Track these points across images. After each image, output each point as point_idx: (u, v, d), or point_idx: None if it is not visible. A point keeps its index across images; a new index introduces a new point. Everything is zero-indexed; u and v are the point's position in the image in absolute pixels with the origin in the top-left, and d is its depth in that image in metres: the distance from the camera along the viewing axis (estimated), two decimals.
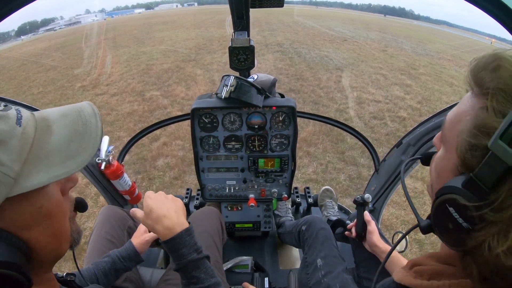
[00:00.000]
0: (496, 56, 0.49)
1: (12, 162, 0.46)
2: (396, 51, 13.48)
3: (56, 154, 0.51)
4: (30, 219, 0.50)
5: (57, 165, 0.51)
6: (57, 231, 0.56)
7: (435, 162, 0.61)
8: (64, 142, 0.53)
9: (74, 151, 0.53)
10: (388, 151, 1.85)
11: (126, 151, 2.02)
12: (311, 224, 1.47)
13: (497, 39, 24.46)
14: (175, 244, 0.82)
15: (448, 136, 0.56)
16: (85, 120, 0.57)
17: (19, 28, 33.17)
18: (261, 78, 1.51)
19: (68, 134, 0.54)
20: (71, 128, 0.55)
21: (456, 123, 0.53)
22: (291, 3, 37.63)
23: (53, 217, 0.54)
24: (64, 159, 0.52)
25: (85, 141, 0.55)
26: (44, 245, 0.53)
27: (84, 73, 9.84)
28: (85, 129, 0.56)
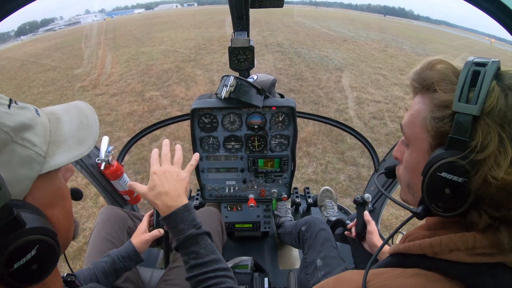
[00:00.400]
0: (429, 60, 0.63)
1: (41, 143, 0.53)
2: (396, 51, 13.48)
3: (70, 139, 0.60)
4: (52, 198, 0.57)
5: (73, 148, 0.59)
6: (69, 212, 0.62)
7: (405, 165, 0.67)
8: (75, 131, 0.62)
9: (83, 137, 0.62)
10: (388, 151, 1.85)
11: (126, 151, 2.02)
12: (311, 225, 1.47)
13: (497, 39, 24.46)
14: (173, 220, 0.85)
15: (411, 135, 0.64)
16: (85, 114, 0.67)
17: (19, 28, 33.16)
18: (261, 78, 1.51)
19: (76, 124, 0.63)
20: (77, 120, 0.64)
21: (414, 120, 0.62)
22: (291, 3, 37.63)
23: (66, 199, 0.61)
24: (77, 143, 0.61)
25: (89, 129, 0.65)
26: (61, 224, 0.58)
27: (84, 73, 9.83)
28: (87, 121, 0.66)
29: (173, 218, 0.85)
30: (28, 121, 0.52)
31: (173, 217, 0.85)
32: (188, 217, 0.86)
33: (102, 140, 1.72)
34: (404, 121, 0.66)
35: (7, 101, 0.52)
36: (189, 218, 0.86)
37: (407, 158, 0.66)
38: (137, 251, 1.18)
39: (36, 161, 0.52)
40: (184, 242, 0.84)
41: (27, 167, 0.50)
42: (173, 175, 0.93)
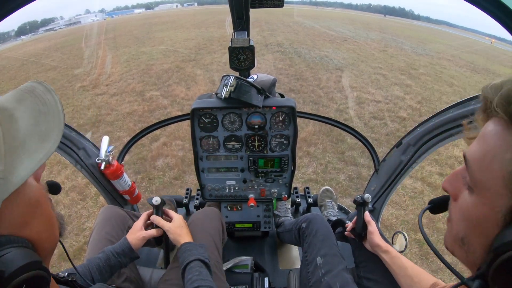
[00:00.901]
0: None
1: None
2: (396, 51, 13.49)
3: (30, 138, 0.50)
4: (26, 215, 0.50)
5: (36, 150, 0.50)
6: (48, 217, 0.56)
7: (463, 214, 0.53)
8: (32, 125, 0.51)
9: (44, 131, 0.52)
10: (388, 151, 1.85)
11: (126, 151, 2.02)
12: (311, 222, 1.46)
13: (497, 39, 24.46)
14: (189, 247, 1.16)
15: (482, 180, 0.48)
16: (43, 99, 0.55)
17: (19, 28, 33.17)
18: (261, 78, 1.51)
19: (33, 117, 0.52)
20: (33, 110, 0.53)
21: (490, 163, 0.46)
22: (291, 3, 37.60)
23: (40, 205, 0.54)
24: (39, 141, 0.51)
25: (50, 119, 0.54)
26: (42, 235, 0.53)
27: (84, 73, 9.84)
28: (46, 108, 0.54)
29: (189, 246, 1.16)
30: None
31: (190, 245, 1.17)
32: (200, 249, 1.16)
33: (103, 140, 1.73)
34: (473, 154, 0.50)
35: None
36: (200, 250, 1.16)
37: (468, 207, 0.51)
38: (132, 247, 1.17)
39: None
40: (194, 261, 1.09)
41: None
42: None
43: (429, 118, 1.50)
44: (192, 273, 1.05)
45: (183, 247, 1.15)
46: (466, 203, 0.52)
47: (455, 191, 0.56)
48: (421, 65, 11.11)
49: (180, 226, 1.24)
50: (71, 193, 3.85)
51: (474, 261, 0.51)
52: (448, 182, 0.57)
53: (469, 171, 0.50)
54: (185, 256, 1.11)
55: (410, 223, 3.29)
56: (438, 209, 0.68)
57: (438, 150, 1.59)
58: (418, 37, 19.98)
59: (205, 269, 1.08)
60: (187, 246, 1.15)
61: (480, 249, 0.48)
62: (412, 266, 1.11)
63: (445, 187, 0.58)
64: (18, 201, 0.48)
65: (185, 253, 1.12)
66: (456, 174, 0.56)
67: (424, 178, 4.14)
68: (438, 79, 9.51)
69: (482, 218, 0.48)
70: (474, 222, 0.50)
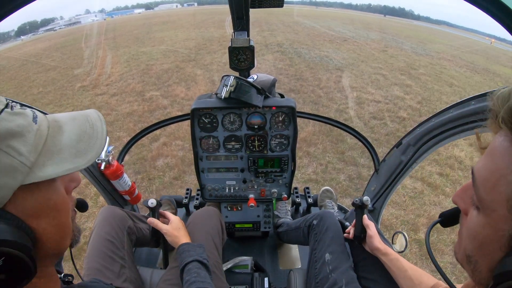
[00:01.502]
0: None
1: (29, 153, 0.51)
2: (396, 51, 13.49)
3: (67, 150, 0.56)
4: (39, 209, 0.54)
5: (67, 160, 0.56)
6: (62, 224, 0.59)
7: (471, 229, 0.51)
8: (74, 141, 0.58)
9: (83, 149, 0.58)
10: (388, 151, 1.85)
11: (126, 151, 2.02)
12: (323, 218, 1.46)
13: (497, 39, 24.46)
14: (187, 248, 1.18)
15: (487, 201, 0.46)
16: (92, 124, 0.63)
17: (19, 28, 33.15)
18: (261, 78, 1.51)
19: (77, 134, 0.59)
20: (80, 129, 0.61)
21: (497, 183, 0.43)
22: (291, 3, 37.63)
23: (59, 210, 0.58)
24: (74, 156, 0.57)
25: (92, 141, 0.60)
26: (49, 236, 0.56)
27: (84, 73, 9.84)
28: (92, 131, 0.62)
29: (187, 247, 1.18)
30: (17, 128, 0.50)
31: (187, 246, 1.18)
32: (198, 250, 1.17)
33: None
34: (479, 171, 0.48)
35: (3, 105, 0.51)
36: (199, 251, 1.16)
37: (474, 226, 0.50)
38: None
39: (19, 171, 0.49)
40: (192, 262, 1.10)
41: (8, 176, 0.48)
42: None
43: (429, 118, 1.50)
44: (190, 275, 1.05)
45: (181, 248, 1.17)
46: (473, 221, 0.50)
47: (465, 206, 0.54)
48: (421, 65, 11.11)
49: (177, 228, 1.26)
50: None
51: (480, 281, 0.50)
52: (458, 196, 0.55)
53: (475, 190, 0.48)
54: (183, 257, 1.13)
55: (410, 223, 3.29)
56: (449, 223, 0.65)
57: (438, 150, 1.59)
58: (418, 37, 19.98)
59: (203, 270, 1.09)
60: (185, 247, 1.17)
61: (486, 270, 0.47)
62: (412, 267, 1.11)
63: (456, 201, 0.56)
64: (37, 194, 0.53)
65: (183, 254, 1.14)
66: (466, 189, 0.54)
67: (424, 178, 4.14)
68: (438, 79, 9.51)
69: (488, 240, 0.46)
70: (479, 243, 0.48)
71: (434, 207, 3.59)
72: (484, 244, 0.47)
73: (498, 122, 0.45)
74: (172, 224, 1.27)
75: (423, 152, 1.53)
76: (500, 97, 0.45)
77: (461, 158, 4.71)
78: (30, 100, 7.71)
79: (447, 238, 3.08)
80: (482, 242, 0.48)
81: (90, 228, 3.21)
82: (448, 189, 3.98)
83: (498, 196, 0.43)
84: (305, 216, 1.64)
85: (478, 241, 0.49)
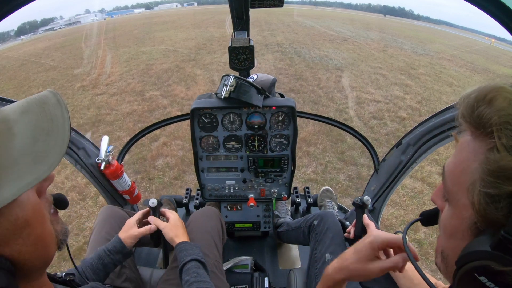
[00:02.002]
0: (488, 88, 0.44)
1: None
2: (396, 51, 13.48)
3: (23, 159, 0.46)
4: (7, 234, 0.47)
5: (26, 172, 0.46)
6: (40, 237, 0.52)
7: (443, 223, 0.53)
8: (29, 144, 0.47)
9: (42, 152, 0.48)
10: (388, 151, 1.85)
11: (126, 151, 2.02)
12: (323, 219, 1.47)
13: (497, 39, 24.44)
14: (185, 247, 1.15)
15: (453, 192, 0.48)
16: (50, 115, 0.51)
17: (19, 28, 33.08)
18: (261, 78, 1.51)
19: (32, 134, 0.48)
20: (35, 126, 0.49)
21: (460, 174, 0.46)
22: (291, 3, 37.61)
23: (31, 224, 0.50)
24: (33, 163, 0.47)
25: (52, 139, 0.50)
26: (28, 256, 0.50)
27: (84, 73, 9.83)
28: (51, 125, 0.50)
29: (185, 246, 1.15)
30: None
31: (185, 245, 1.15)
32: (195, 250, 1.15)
33: (102, 139, 1.72)
34: (448, 166, 0.50)
35: None
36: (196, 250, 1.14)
37: (444, 220, 0.52)
38: (124, 243, 1.15)
39: None
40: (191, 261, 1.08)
41: None
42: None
43: (429, 118, 1.51)
44: (189, 275, 1.04)
45: (178, 247, 1.15)
46: (444, 215, 0.52)
47: (441, 204, 0.55)
48: (421, 65, 11.10)
49: (175, 226, 1.24)
50: (71, 193, 3.85)
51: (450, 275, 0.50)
52: (435, 195, 0.57)
53: (444, 184, 0.51)
54: (181, 256, 1.11)
55: None
56: (429, 222, 0.66)
57: (438, 150, 1.59)
58: (418, 37, 19.98)
59: (202, 270, 1.08)
60: (183, 246, 1.15)
61: (453, 262, 0.47)
62: (412, 267, 1.11)
63: (434, 200, 0.58)
64: (1, 220, 0.45)
65: (181, 253, 1.12)
66: (441, 188, 0.56)
67: (423, 178, 4.15)
68: (437, 79, 9.51)
69: (454, 230, 0.48)
70: (449, 234, 0.51)
71: (434, 207, 3.59)
72: (452, 235, 0.49)
73: (459, 119, 0.47)
74: (171, 221, 1.26)
75: (423, 152, 1.53)
76: (464, 97, 0.47)
77: None
78: None
79: None
80: (451, 233, 0.50)
81: (90, 228, 3.22)
82: None
83: (461, 186, 0.45)
84: (305, 216, 1.64)
85: (448, 233, 0.51)
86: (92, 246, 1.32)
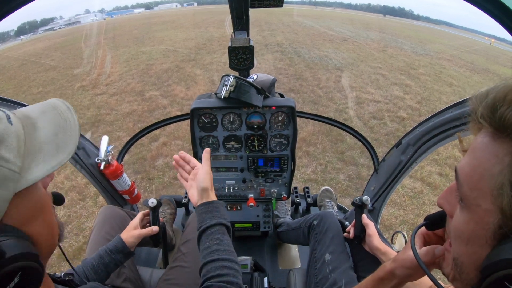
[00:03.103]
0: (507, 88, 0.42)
1: (15, 158, 0.49)
2: (396, 51, 13.49)
3: (48, 146, 0.55)
4: (31, 213, 0.53)
5: (51, 157, 0.54)
6: (50, 223, 0.59)
7: (456, 228, 0.50)
8: (52, 135, 0.57)
9: (62, 143, 0.57)
10: (388, 151, 1.86)
11: (126, 151, 2.02)
12: (323, 219, 1.47)
13: (497, 39, 24.45)
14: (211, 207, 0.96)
15: (471, 197, 0.46)
16: (64, 116, 0.61)
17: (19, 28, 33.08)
18: (261, 78, 1.51)
19: (53, 129, 0.58)
20: (54, 123, 0.59)
21: (480, 178, 0.44)
22: (291, 3, 37.61)
23: (45, 210, 0.57)
24: (55, 151, 0.55)
25: (68, 134, 0.59)
26: (43, 237, 0.55)
27: (84, 73, 9.82)
28: (65, 123, 0.60)
29: (213, 206, 0.95)
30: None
31: (213, 204, 0.96)
32: (223, 210, 0.97)
33: (102, 139, 1.72)
34: (462, 169, 0.48)
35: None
36: (223, 212, 0.97)
37: (459, 224, 0.49)
38: (125, 243, 1.14)
39: (10, 179, 0.47)
40: (213, 226, 0.91)
41: (1, 187, 0.46)
42: None
43: (429, 118, 1.51)
44: (211, 240, 0.89)
45: (203, 208, 0.96)
46: (458, 220, 0.50)
47: (450, 208, 0.53)
48: (421, 65, 11.11)
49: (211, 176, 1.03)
50: (71, 193, 3.85)
51: (468, 283, 0.49)
52: (443, 198, 0.55)
53: (459, 187, 0.49)
54: (203, 217, 0.94)
55: (410, 223, 3.29)
56: (435, 226, 0.64)
57: (437, 150, 1.59)
58: (417, 37, 19.98)
59: (227, 236, 0.93)
60: (209, 207, 0.96)
61: (473, 269, 0.46)
62: None
63: (441, 204, 0.56)
64: (28, 198, 0.52)
65: (204, 214, 0.94)
66: (451, 190, 0.54)
67: (423, 178, 4.15)
68: (437, 79, 9.51)
69: (474, 236, 0.46)
70: (466, 240, 0.48)
71: (434, 207, 3.60)
72: (470, 241, 0.47)
73: (477, 119, 0.46)
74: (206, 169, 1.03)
75: (422, 152, 1.54)
76: (479, 96, 0.46)
77: (460, 158, 4.68)
78: (30, 100, 7.69)
79: None
80: (468, 239, 0.47)
81: (89, 228, 3.21)
82: None
83: (481, 190, 0.43)
84: (305, 216, 1.64)
85: (464, 239, 0.48)
86: (91, 246, 1.32)
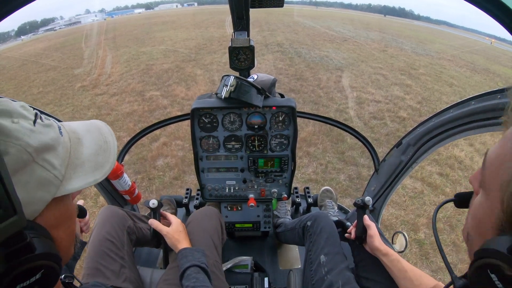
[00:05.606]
0: None
1: (60, 166, 0.53)
2: (396, 51, 13.49)
3: (88, 163, 0.60)
4: (60, 219, 0.56)
5: (88, 173, 0.59)
6: (72, 232, 0.62)
7: (474, 207, 0.53)
8: (93, 154, 0.61)
9: (100, 163, 0.62)
10: (388, 151, 1.85)
11: (126, 151, 2.02)
12: (316, 220, 1.46)
13: (497, 39, 24.44)
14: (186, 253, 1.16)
15: (489, 182, 0.48)
16: (105, 138, 0.67)
17: (19, 28, 33.13)
18: (261, 78, 1.51)
19: (95, 148, 0.63)
20: (96, 143, 0.64)
21: (499, 167, 0.45)
22: (291, 3, 37.64)
23: (71, 219, 0.61)
24: (94, 169, 0.60)
25: (106, 155, 0.64)
26: (64, 244, 0.58)
27: (84, 73, 9.84)
28: (106, 145, 0.65)
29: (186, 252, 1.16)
30: (51, 141, 0.51)
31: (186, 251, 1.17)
32: (196, 255, 1.16)
33: None
34: (491, 155, 0.49)
35: (33, 116, 0.51)
36: (197, 255, 1.16)
37: (476, 204, 0.52)
38: None
39: (53, 184, 0.51)
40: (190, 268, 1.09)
41: (43, 189, 0.50)
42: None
43: (429, 118, 1.50)
44: (189, 280, 1.06)
45: (180, 254, 1.17)
46: (477, 200, 0.52)
47: (475, 183, 0.55)
48: (421, 65, 11.11)
49: (178, 231, 1.27)
50: None
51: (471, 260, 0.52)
52: (473, 177, 0.56)
53: (483, 170, 0.50)
54: (182, 262, 1.13)
55: (410, 223, 3.29)
56: (462, 204, 0.66)
57: (438, 150, 1.59)
58: (418, 37, 19.97)
59: (202, 274, 1.09)
60: (183, 252, 1.17)
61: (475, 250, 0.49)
62: (412, 269, 1.11)
63: (470, 181, 0.58)
64: (61, 205, 0.55)
65: (182, 259, 1.14)
66: (480, 171, 0.56)
67: (424, 178, 4.15)
68: (438, 79, 9.51)
69: (484, 219, 0.48)
70: (477, 221, 0.51)
71: (434, 207, 3.59)
72: (480, 222, 0.50)
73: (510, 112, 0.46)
74: (173, 226, 1.28)
75: (423, 152, 1.53)
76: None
77: (461, 158, 4.71)
78: (30, 100, 7.71)
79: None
80: (479, 220, 0.50)
81: (90, 228, 3.21)
82: (448, 189, 3.98)
83: (497, 178, 0.45)
84: (300, 217, 1.64)
85: (477, 219, 0.51)
86: (92, 246, 1.32)
